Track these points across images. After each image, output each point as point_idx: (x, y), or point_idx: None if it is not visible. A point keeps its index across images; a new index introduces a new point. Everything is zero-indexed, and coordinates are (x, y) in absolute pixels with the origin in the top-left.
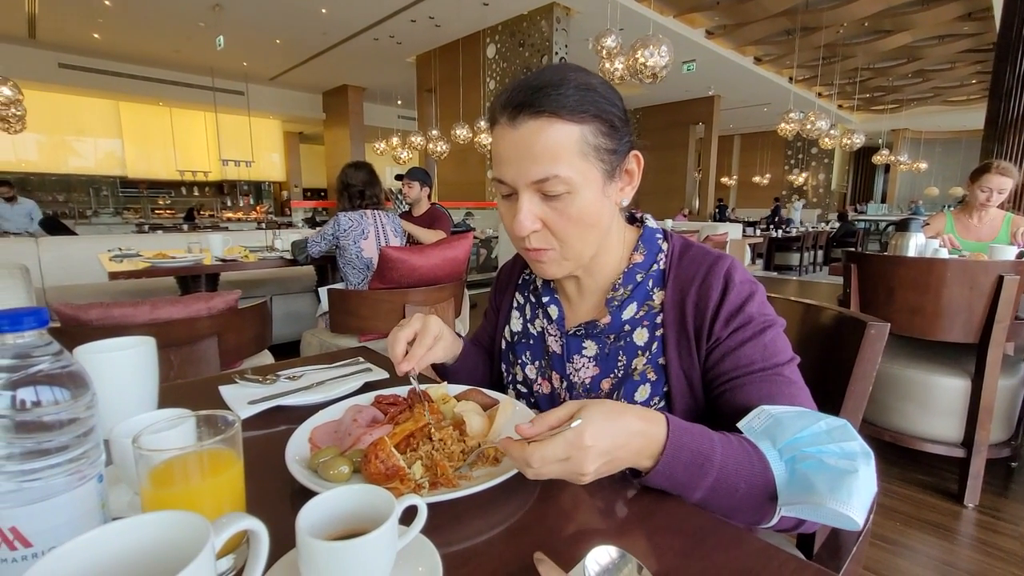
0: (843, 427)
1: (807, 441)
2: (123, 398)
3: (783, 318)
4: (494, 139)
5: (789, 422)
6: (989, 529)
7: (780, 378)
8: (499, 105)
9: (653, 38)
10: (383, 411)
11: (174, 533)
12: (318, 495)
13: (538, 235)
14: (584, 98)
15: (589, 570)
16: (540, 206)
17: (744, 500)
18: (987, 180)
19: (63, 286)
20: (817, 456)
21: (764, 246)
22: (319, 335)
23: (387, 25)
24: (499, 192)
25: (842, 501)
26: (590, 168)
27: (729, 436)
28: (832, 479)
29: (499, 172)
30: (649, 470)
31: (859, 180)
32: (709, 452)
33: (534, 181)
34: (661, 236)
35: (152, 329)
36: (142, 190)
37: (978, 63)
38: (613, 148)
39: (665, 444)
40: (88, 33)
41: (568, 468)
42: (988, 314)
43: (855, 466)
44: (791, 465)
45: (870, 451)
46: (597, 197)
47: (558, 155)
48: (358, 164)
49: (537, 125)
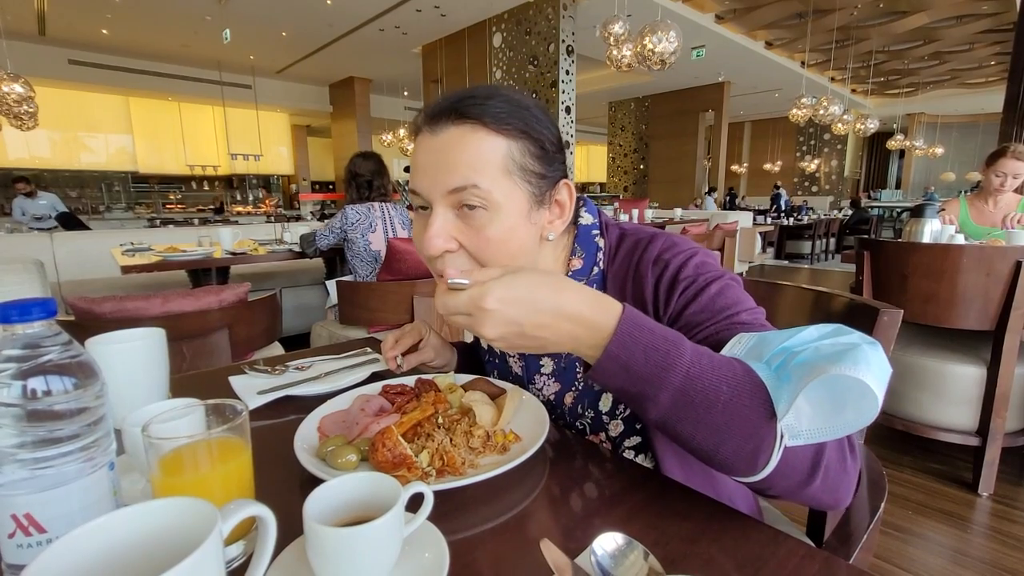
0: (837, 328)
1: (798, 343)
2: (133, 388)
3: (734, 275)
4: (414, 149)
5: (774, 336)
6: (1004, 518)
7: (738, 325)
8: (423, 115)
9: (661, 24)
10: (390, 400)
11: (182, 519)
12: (325, 482)
13: (453, 257)
14: (513, 112)
15: (596, 556)
16: (455, 223)
17: (731, 413)
18: (1002, 165)
19: (78, 280)
20: (813, 346)
21: (775, 234)
22: (328, 327)
23: (392, 15)
24: (415, 207)
25: (851, 367)
26: (514, 188)
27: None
28: (835, 355)
29: (413, 183)
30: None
31: (873, 166)
32: (676, 340)
33: (450, 190)
34: (598, 231)
35: (164, 322)
36: (153, 185)
37: (997, 44)
38: (542, 173)
39: (614, 332)
40: (97, 29)
41: (470, 324)
42: (1005, 301)
43: (856, 343)
44: (782, 368)
45: (875, 340)
46: (520, 222)
47: (479, 166)
48: (366, 154)
49: (459, 132)
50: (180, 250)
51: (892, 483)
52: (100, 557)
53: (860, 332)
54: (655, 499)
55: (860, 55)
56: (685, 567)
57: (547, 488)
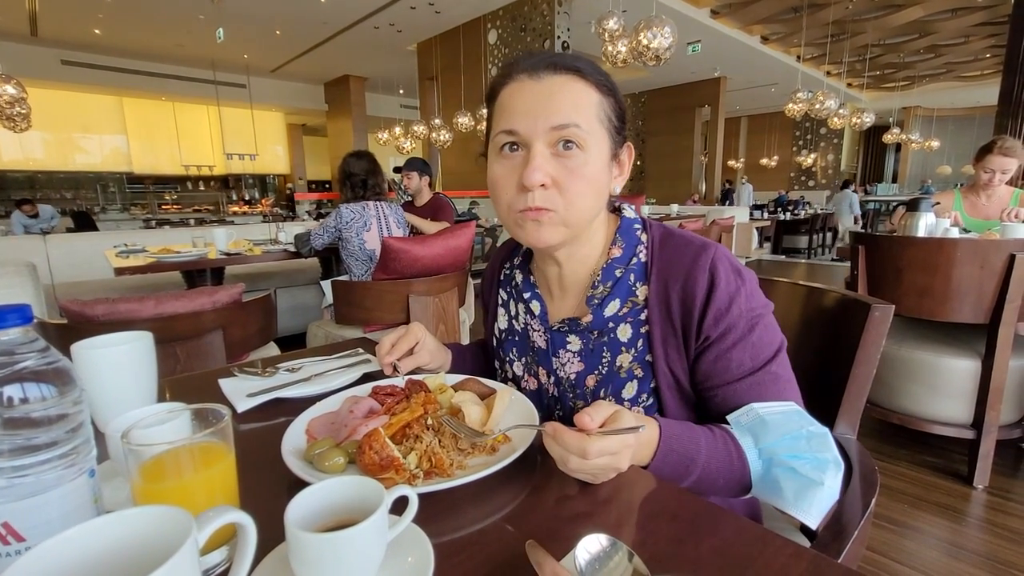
0: (823, 436)
1: (786, 447)
2: (120, 393)
3: (771, 301)
4: (506, 95)
5: (774, 425)
6: (999, 510)
7: (768, 376)
8: (516, 67)
9: (656, 19)
10: (380, 402)
11: (157, 528)
12: (308, 487)
13: (544, 193)
14: (603, 73)
15: (579, 558)
16: (551, 162)
17: (720, 491)
18: (989, 161)
19: (72, 282)
20: (790, 464)
21: (772, 229)
22: (325, 327)
23: (387, 13)
24: (498, 149)
25: (803, 510)
26: (603, 136)
27: (715, 433)
28: (799, 488)
29: (511, 123)
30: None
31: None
32: (695, 455)
33: (554, 127)
34: (640, 227)
35: (157, 324)
36: (148, 186)
37: (992, 36)
38: (619, 128)
39: (657, 448)
40: (89, 29)
41: (612, 462)
42: (999, 294)
43: (823, 478)
44: (767, 466)
45: (841, 462)
46: (604, 167)
47: (580, 109)
48: (359, 153)
49: (562, 80)
50: (174, 251)
51: (888, 477)
52: (73, 568)
53: (835, 451)
54: (643, 499)
55: (856, 49)
56: (671, 568)
57: (535, 489)
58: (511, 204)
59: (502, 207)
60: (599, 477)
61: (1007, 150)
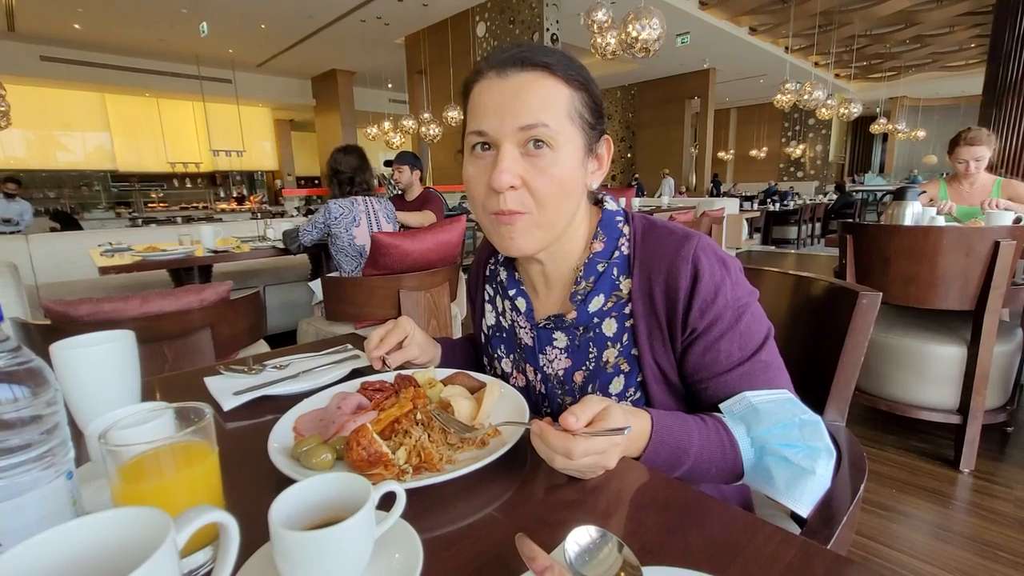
0: (815, 424)
1: (778, 435)
2: (101, 394)
3: (756, 289)
4: (475, 94)
5: (766, 413)
6: (985, 493)
7: (758, 365)
8: (485, 64)
9: (644, 11)
10: (369, 397)
11: (134, 530)
12: (293, 484)
13: (515, 195)
14: (574, 67)
15: (568, 551)
16: (521, 162)
17: (712, 479)
18: (959, 153)
19: (56, 283)
20: (782, 452)
21: (762, 220)
22: (315, 324)
23: (374, 6)
24: (471, 149)
25: (794, 499)
26: (575, 133)
27: (707, 423)
28: (791, 477)
29: (479, 123)
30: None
31: (857, 151)
32: (687, 445)
33: (521, 127)
34: (622, 219)
35: (144, 323)
36: (133, 184)
37: (976, 26)
38: (593, 124)
39: (648, 440)
40: (68, 24)
41: (599, 461)
42: (984, 281)
43: (815, 467)
44: (759, 455)
45: (833, 450)
46: (577, 164)
47: (548, 107)
48: (347, 148)
49: (529, 77)
50: (160, 249)
51: (876, 462)
52: (46, 573)
53: (827, 439)
54: (634, 490)
55: (843, 39)
56: (661, 557)
57: (525, 482)
58: (484, 205)
59: (477, 207)
60: (587, 474)
61: (972, 139)
